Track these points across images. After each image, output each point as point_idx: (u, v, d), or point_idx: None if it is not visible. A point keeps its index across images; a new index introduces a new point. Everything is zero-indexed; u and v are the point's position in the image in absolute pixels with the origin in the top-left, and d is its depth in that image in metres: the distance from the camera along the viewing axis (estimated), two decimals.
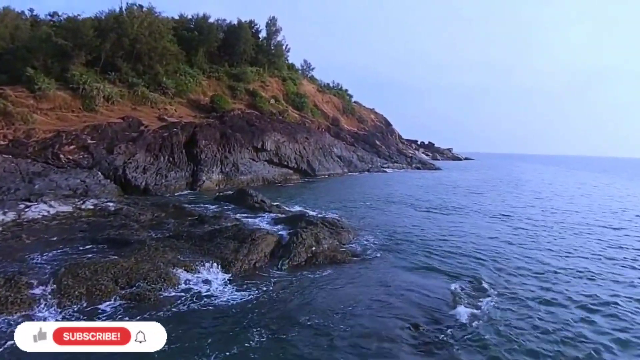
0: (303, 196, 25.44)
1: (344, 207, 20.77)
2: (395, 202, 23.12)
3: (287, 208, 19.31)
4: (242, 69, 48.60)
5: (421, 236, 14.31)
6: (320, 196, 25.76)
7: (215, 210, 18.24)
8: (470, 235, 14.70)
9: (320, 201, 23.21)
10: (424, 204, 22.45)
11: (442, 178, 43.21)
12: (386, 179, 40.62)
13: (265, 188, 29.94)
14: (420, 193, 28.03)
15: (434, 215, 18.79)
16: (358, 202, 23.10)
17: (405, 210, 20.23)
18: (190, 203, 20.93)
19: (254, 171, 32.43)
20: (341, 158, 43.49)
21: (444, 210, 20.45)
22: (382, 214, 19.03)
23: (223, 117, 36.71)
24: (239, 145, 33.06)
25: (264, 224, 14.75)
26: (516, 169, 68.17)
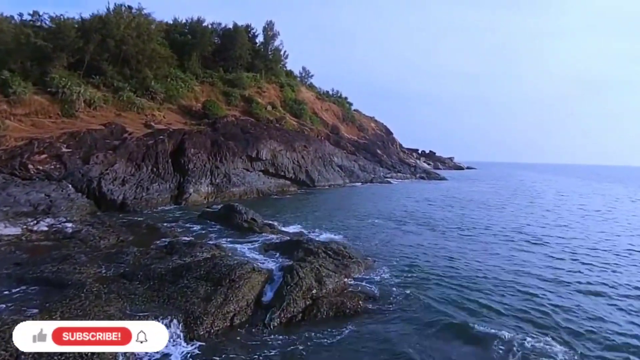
0: (301, 211, 22.44)
1: (349, 226, 17.78)
2: (407, 219, 20.25)
3: (282, 227, 16.33)
4: (238, 75, 46.00)
5: (450, 270, 11.22)
6: (321, 211, 22.76)
7: (196, 231, 15.26)
8: (510, 269, 11.28)
9: (321, 218, 20.23)
10: (441, 222, 19.52)
11: (451, 190, 40.35)
12: (391, 190, 37.60)
13: (259, 201, 26.95)
14: (433, 208, 25.12)
15: (457, 238, 15.80)
16: (364, 218, 20.11)
17: (422, 230, 17.18)
18: (169, 221, 17.91)
19: (248, 182, 29.45)
20: (342, 168, 40.59)
21: (466, 230, 17.48)
22: (395, 235, 15.97)
23: (215, 123, 33.88)
24: (232, 154, 30.15)
25: (251, 252, 11.73)
26: (526, 179, 64.65)
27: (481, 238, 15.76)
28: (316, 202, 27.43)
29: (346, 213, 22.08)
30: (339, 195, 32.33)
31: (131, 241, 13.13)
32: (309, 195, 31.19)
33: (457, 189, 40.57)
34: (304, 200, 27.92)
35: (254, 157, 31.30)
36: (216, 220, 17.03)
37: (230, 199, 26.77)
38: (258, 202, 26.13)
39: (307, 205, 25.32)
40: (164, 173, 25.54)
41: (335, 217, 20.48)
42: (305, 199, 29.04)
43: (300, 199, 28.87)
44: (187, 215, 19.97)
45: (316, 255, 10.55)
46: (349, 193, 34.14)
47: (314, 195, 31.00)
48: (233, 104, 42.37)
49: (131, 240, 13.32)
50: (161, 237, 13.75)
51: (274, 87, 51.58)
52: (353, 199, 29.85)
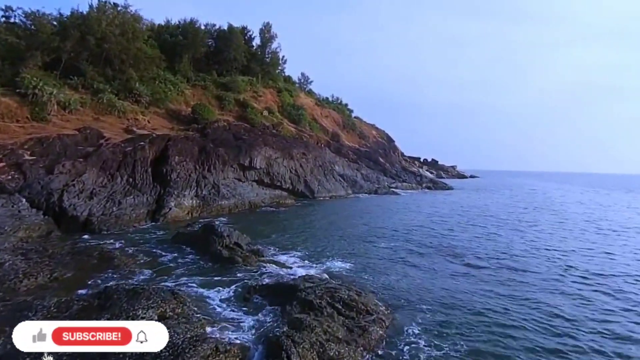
0: (298, 230, 18.85)
1: (357, 251, 14.19)
2: (427, 242, 16.50)
3: (273, 256, 12.78)
4: (232, 78, 42.83)
5: (508, 333, 7.63)
6: (322, 229, 19.17)
7: (162, 262, 11.70)
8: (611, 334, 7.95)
9: (322, 238, 16.66)
10: (468, 247, 15.65)
11: (465, 202, 36.33)
12: (399, 203, 33.58)
13: (250, 216, 23.36)
14: (453, 226, 21.29)
15: (497, 273, 12.04)
16: (374, 240, 16.48)
17: (450, 260, 12.86)
18: (136, 245, 14.35)
19: (239, 194, 25.93)
20: (344, 177, 37.09)
21: (503, 261, 13.44)
22: (417, 267, 12.26)
23: (205, 129, 30.49)
24: (222, 162, 26.68)
25: (224, 304, 8.13)
26: (537, 189, 59.59)
27: (530, 275, 11.96)
28: (316, 216, 23.81)
29: (352, 232, 18.48)
30: (341, 208, 28.79)
31: (67, 280, 9.59)
32: (308, 208, 27.57)
33: (471, 201, 36.56)
34: (303, 215, 24.29)
35: (246, 166, 27.83)
36: (192, 244, 13.48)
37: (218, 213, 23.24)
38: (249, 218, 22.58)
39: (306, 222, 21.71)
40: (141, 184, 22.02)
41: (340, 237, 16.90)
42: (304, 213, 25.43)
43: (298, 213, 25.27)
44: (161, 236, 16.43)
45: (319, 311, 7.03)
46: (352, 206, 30.43)
47: (314, 209, 27.39)
48: (227, 108, 39.12)
49: (68, 277, 9.79)
50: (110, 271, 10.21)
51: (271, 92, 48.42)
52: (358, 213, 26.04)
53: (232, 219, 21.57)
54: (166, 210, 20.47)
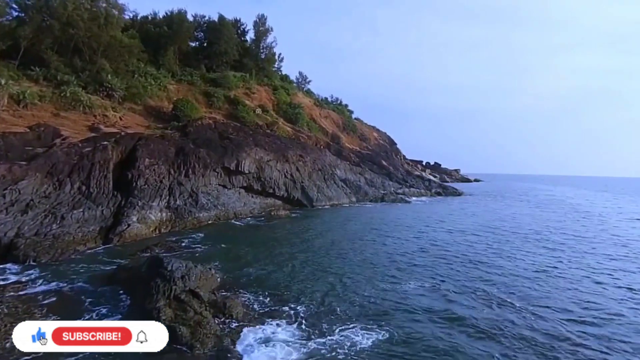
0: (291, 257, 14.16)
1: (385, 308, 9.08)
2: (477, 284, 11.35)
3: (246, 318, 8.06)
4: (223, 74, 38.37)
5: None
6: (325, 257, 14.41)
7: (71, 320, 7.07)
8: None
9: (326, 275, 12.00)
10: (546, 294, 10.56)
11: (489, 213, 30.05)
12: (415, 215, 27.52)
13: (233, 232, 18.63)
14: (499, 250, 16.26)
15: None
16: (401, 280, 11.45)
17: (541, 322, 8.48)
18: (51, 286, 9.73)
19: (223, 204, 21.36)
20: (346, 182, 32.49)
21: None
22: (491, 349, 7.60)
23: (186, 127, 25.95)
24: (203, 165, 22.13)
25: None
26: (555, 194, 54.34)
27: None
28: (316, 234, 18.92)
29: (367, 261, 13.73)
30: (346, 221, 23.34)
31: None
32: (304, 221, 22.82)
33: (496, 212, 30.33)
34: (298, 232, 19.47)
35: (232, 170, 23.27)
36: (131, 288, 8.89)
37: (195, 227, 18.64)
38: (230, 235, 17.91)
39: (303, 243, 16.87)
40: (97, 193, 17.43)
41: (352, 273, 12.13)
42: (300, 229, 20.27)
43: (292, 229, 20.15)
44: (101, 270, 11.81)
45: None
46: (359, 218, 24.79)
47: (312, 222, 22.62)
48: (215, 106, 34.61)
49: None
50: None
51: (266, 90, 43.92)
52: (368, 229, 20.33)
53: (208, 236, 16.97)
54: (123, 227, 15.84)
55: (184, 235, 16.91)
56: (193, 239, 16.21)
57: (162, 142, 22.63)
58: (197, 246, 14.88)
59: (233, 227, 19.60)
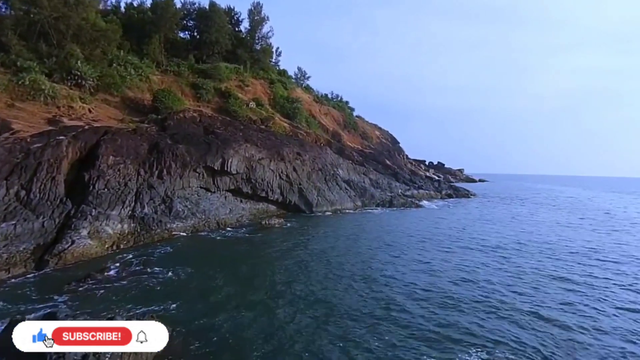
0: (279, 292, 10.33)
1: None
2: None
3: None
4: (214, 65, 34.55)
5: None
6: (327, 294, 10.39)
7: None
8: None
9: (329, 321, 8.25)
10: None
11: (517, 220, 25.02)
12: (433, 222, 22.89)
13: (209, 248, 14.62)
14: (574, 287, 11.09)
15: None
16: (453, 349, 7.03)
17: None
18: None
19: (204, 210, 17.54)
20: (350, 184, 28.62)
21: None
22: None
23: (165, 120, 22.15)
24: (181, 164, 18.31)
25: None
26: (573, 196, 50.89)
27: None
28: (316, 255, 14.04)
29: (400, 318, 8.56)
30: (353, 234, 18.64)
31: None
32: (302, 233, 18.69)
33: (532, 220, 25.01)
34: (293, 251, 14.74)
35: (217, 170, 19.45)
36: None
37: (164, 241, 14.82)
38: (203, 253, 14.01)
39: (298, 271, 12.11)
40: (39, 199, 13.61)
41: (376, 334, 7.75)
42: (296, 246, 15.68)
43: (286, 246, 15.58)
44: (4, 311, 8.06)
45: None
46: (369, 229, 19.95)
47: (311, 235, 18.45)
48: (204, 99, 30.79)
49: None
50: None
51: (262, 84, 40.07)
52: (384, 249, 15.55)
53: (177, 255, 13.15)
54: (64, 244, 12.01)
55: (146, 252, 13.10)
56: (156, 258, 12.41)
57: (134, 137, 18.82)
58: (156, 271, 11.07)
59: (212, 241, 15.60)
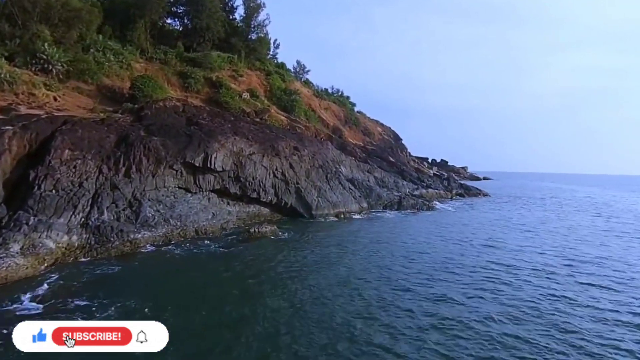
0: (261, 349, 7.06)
1: None
2: None
3: None
4: (204, 53, 31.37)
5: None
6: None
7: None
8: None
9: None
10: None
11: (551, 228, 20.78)
12: (457, 228, 19.22)
13: (183, 265, 11.42)
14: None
15: None
16: None
17: None
18: None
19: (179, 216, 14.38)
20: (354, 183, 25.37)
21: None
22: None
23: (142, 110, 18.97)
24: (154, 160, 15.15)
25: None
26: (592, 196, 46.88)
27: None
28: (323, 285, 10.09)
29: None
30: (363, 247, 14.71)
31: None
32: (300, 245, 14.75)
33: (562, 224, 21.61)
34: (289, 279, 10.70)
35: (199, 166, 16.27)
36: None
37: (123, 257, 11.68)
38: (167, 275, 10.75)
39: (296, 319, 7.91)
40: None
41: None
42: (292, 267, 11.87)
43: (278, 269, 11.69)
44: None
45: None
46: (381, 240, 15.98)
47: (313, 247, 14.44)
48: (193, 88, 27.66)
49: None
50: None
51: (258, 75, 36.87)
52: (403, 269, 11.75)
53: (132, 277, 9.98)
54: None
55: (93, 272, 9.94)
56: (94, 282, 9.25)
57: (99, 127, 15.66)
58: (80, 306, 7.89)
59: (184, 258, 12.12)
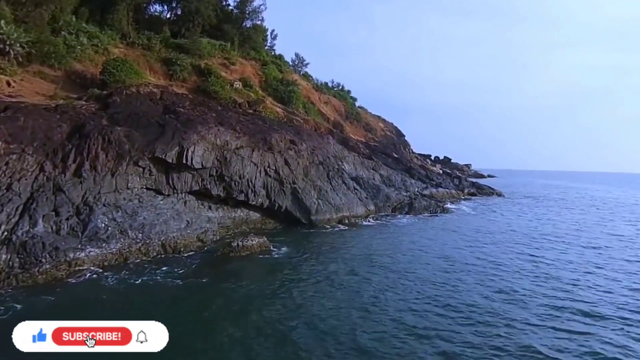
0: None
1: None
2: None
3: None
4: (193, 39, 28.20)
5: None
6: None
7: None
8: None
9: None
10: None
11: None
12: (492, 239, 15.89)
13: (126, 298, 8.14)
14: None
15: None
16: None
17: None
18: None
19: (143, 225, 11.27)
20: (359, 182, 22.11)
21: None
22: None
23: (110, 96, 15.83)
24: (115, 155, 12.04)
25: None
26: (614, 196, 43.30)
27: None
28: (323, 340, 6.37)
29: None
30: (381, 267, 11.10)
31: None
32: (298, 267, 10.95)
33: (606, 231, 18.60)
34: (277, 326, 7.06)
35: (172, 163, 13.12)
36: None
37: (50, 284, 8.63)
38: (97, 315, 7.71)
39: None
40: None
41: None
42: (286, 320, 7.42)
43: (262, 324, 7.22)
44: None
45: None
46: (408, 259, 12.25)
47: (317, 272, 10.46)
48: (178, 76, 24.50)
49: None
50: None
51: (253, 65, 33.70)
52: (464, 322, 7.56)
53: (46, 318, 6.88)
54: None
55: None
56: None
57: (50, 115, 12.55)
58: None
59: (133, 289, 8.59)
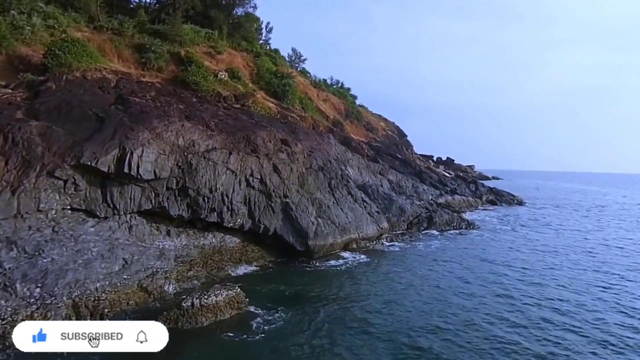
0: None
1: None
2: None
3: None
4: (173, 23, 24.16)
5: None
6: None
7: None
8: None
9: None
10: None
11: None
12: (566, 280, 10.89)
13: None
14: None
15: None
16: None
17: None
18: None
19: (46, 270, 7.24)
20: (367, 191, 17.95)
21: None
22: None
23: (45, 82, 11.82)
24: (21, 163, 8.07)
25: None
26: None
27: None
28: None
29: None
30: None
31: None
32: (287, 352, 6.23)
33: None
34: None
35: (109, 172, 9.09)
36: None
37: None
38: None
39: None
40: None
41: None
42: None
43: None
44: None
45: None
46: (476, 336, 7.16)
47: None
48: (152, 64, 20.36)
49: None
50: None
51: (244, 57, 29.66)
52: None
53: None
54: None
55: None
56: None
57: None
58: None
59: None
